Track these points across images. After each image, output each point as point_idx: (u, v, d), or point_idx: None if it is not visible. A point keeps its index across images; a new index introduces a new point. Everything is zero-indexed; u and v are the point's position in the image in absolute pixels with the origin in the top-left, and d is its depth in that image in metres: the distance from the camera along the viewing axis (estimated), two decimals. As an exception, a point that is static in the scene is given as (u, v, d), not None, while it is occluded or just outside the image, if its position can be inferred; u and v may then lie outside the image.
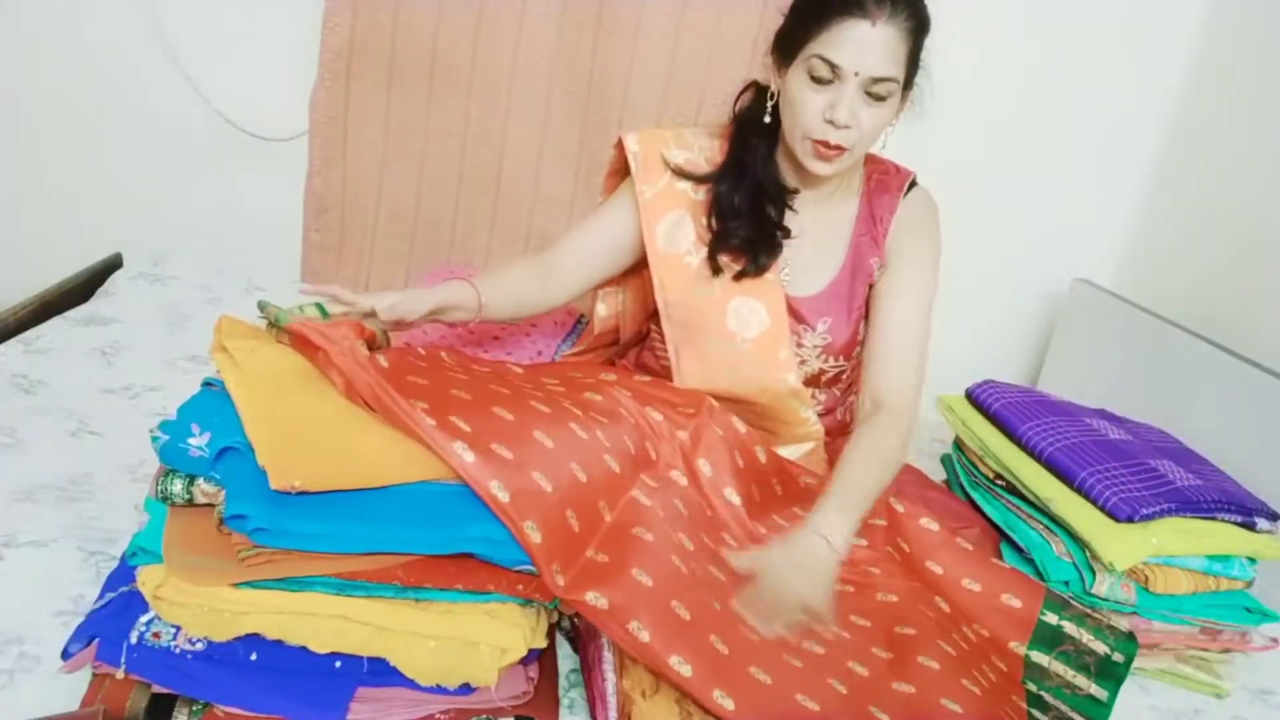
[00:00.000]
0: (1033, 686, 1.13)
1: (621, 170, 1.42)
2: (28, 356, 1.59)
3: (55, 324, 1.73)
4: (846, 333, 1.39)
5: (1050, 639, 1.17)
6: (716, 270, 1.34)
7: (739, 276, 1.34)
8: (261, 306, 1.20)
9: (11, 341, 1.63)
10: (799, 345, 1.38)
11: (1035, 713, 1.10)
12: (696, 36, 2.08)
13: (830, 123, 1.22)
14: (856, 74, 1.19)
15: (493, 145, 2.18)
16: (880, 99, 1.22)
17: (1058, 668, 1.15)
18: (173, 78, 2.11)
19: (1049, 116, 2.24)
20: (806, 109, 1.23)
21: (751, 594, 1.08)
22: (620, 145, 1.38)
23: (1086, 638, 1.17)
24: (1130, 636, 1.18)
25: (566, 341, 1.80)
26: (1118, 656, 1.16)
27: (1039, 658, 1.15)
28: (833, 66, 1.20)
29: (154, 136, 2.19)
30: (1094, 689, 1.13)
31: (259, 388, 0.98)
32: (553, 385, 1.24)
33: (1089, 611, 1.20)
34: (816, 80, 1.21)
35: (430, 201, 2.23)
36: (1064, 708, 1.11)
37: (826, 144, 1.23)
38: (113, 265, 2.03)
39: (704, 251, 1.35)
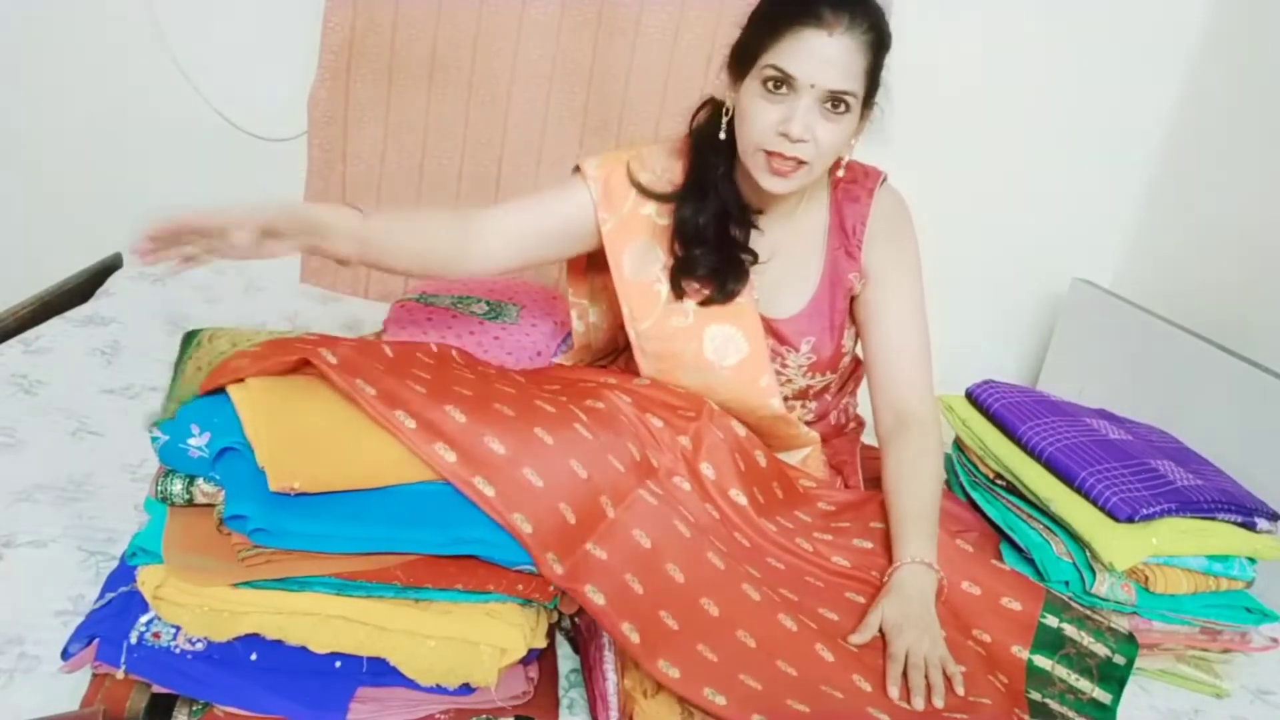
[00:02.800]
0: (1036, 695, 1.12)
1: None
2: (28, 356, 1.59)
3: (55, 324, 1.73)
4: (830, 348, 1.38)
5: (1052, 643, 1.17)
6: (681, 296, 1.30)
7: (706, 303, 1.30)
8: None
9: (11, 341, 1.63)
10: (783, 366, 1.37)
11: None
12: (696, 36, 2.09)
13: (784, 136, 1.17)
14: (812, 86, 1.15)
15: (493, 145, 2.19)
16: (837, 114, 1.18)
17: (1060, 672, 1.14)
18: (173, 78, 2.11)
19: (1049, 116, 2.24)
20: (760, 121, 1.18)
21: (892, 666, 1.04)
22: (578, 171, 1.33)
23: (1087, 640, 1.17)
24: (1130, 638, 1.18)
25: (566, 342, 1.80)
26: (1119, 659, 1.16)
27: (1042, 662, 1.15)
28: (787, 77, 1.15)
29: (154, 136, 2.19)
30: (1097, 692, 1.13)
31: (259, 389, 0.98)
32: (554, 390, 1.24)
33: (1089, 614, 1.20)
34: (771, 91, 1.17)
35: (430, 201, 2.24)
36: (1070, 713, 1.11)
37: (781, 155, 1.18)
38: (113, 265, 2.03)
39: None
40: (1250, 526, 1.33)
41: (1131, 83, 2.22)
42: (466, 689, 0.95)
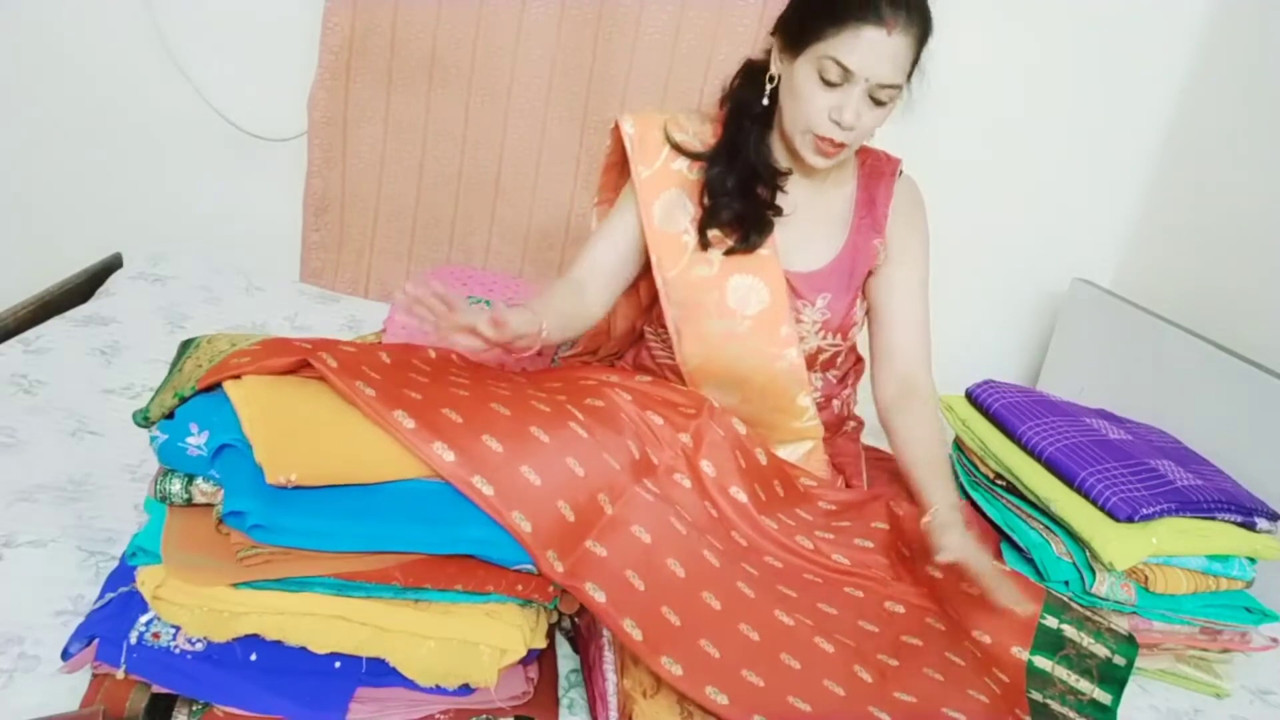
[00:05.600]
0: (1037, 695, 1.13)
1: (619, 163, 1.43)
2: (28, 356, 1.59)
3: (55, 324, 1.73)
4: (844, 310, 1.41)
5: (1052, 644, 1.17)
6: (706, 245, 1.36)
7: (730, 253, 1.35)
8: None
9: (11, 341, 1.63)
10: (798, 320, 1.40)
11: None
12: (696, 36, 2.09)
13: (836, 123, 1.24)
14: (867, 79, 1.22)
15: (493, 145, 2.18)
16: (883, 103, 1.25)
17: (1060, 673, 1.15)
18: (173, 78, 2.11)
19: (1049, 116, 2.24)
20: (812, 105, 1.25)
21: (993, 584, 1.15)
22: (617, 130, 1.40)
23: (1087, 641, 1.17)
24: (1130, 639, 1.18)
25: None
26: (1119, 660, 1.16)
27: (1042, 663, 1.16)
28: (845, 70, 1.22)
29: (154, 136, 2.19)
30: (1097, 693, 1.14)
31: (256, 386, 0.98)
32: (555, 388, 1.24)
33: (1088, 615, 1.20)
34: (827, 81, 1.23)
35: (430, 201, 2.24)
36: (1071, 714, 1.11)
37: (831, 141, 1.26)
38: (113, 265, 2.03)
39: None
40: (1250, 526, 1.33)
41: (1131, 83, 2.21)
42: (466, 689, 0.95)
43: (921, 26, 1.24)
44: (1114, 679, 1.15)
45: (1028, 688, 1.13)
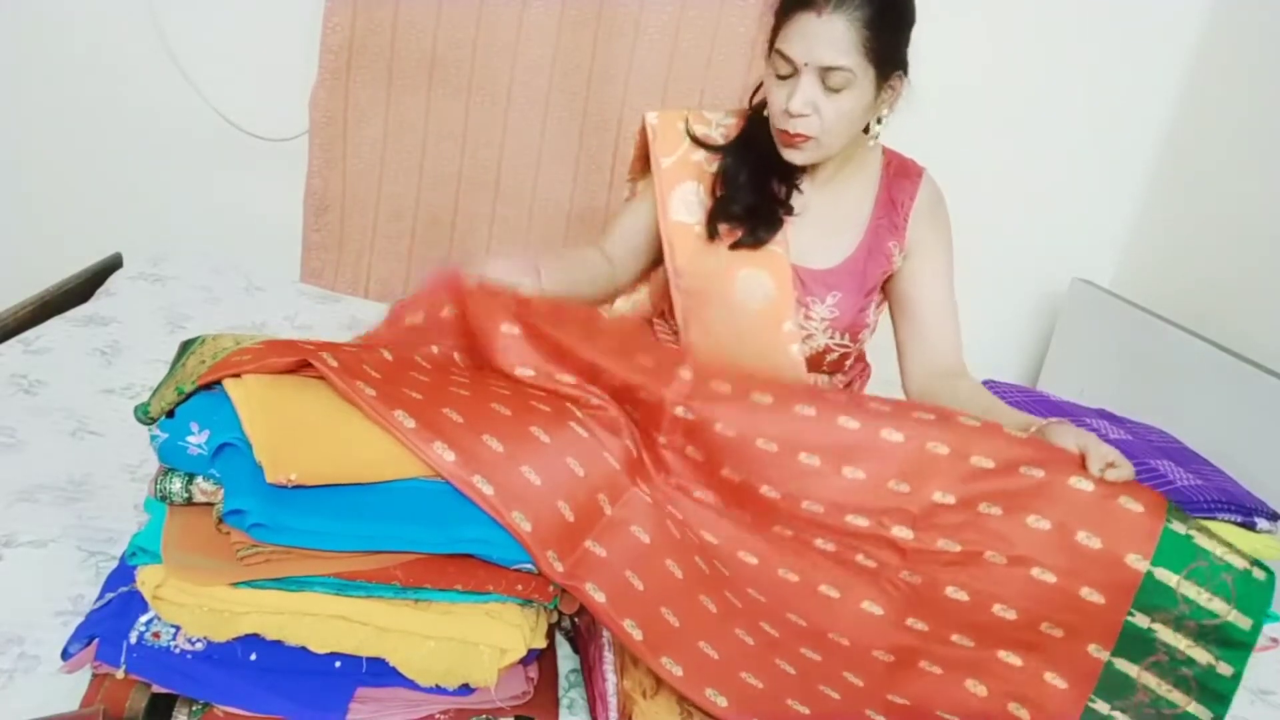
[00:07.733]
0: (1143, 620, 1.00)
1: (645, 155, 1.45)
2: (28, 356, 1.59)
3: (55, 324, 1.73)
4: (853, 311, 1.42)
5: (1179, 551, 1.00)
6: (713, 235, 1.38)
7: (735, 247, 1.37)
8: None
9: (11, 341, 1.63)
10: (806, 317, 1.41)
11: (1119, 661, 1.00)
12: (696, 36, 2.09)
13: (786, 113, 1.26)
14: (806, 64, 1.24)
15: (493, 145, 2.19)
16: (837, 89, 1.25)
17: (1188, 589, 0.99)
18: (173, 78, 2.11)
19: (1049, 116, 2.25)
20: (773, 102, 1.29)
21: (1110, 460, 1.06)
22: (644, 124, 1.44)
23: (1220, 551, 1.00)
24: (1260, 563, 1.00)
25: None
26: (1259, 574, 0.99)
27: (1165, 576, 1.00)
28: (788, 60, 1.25)
29: (154, 136, 2.19)
30: (1234, 615, 0.98)
31: (256, 385, 0.98)
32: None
33: (1207, 525, 1.05)
34: (779, 74, 1.27)
35: (430, 201, 2.24)
36: (1184, 643, 0.99)
37: (787, 133, 1.29)
38: (113, 265, 2.03)
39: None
40: (1250, 526, 1.33)
41: (1131, 83, 2.22)
42: (466, 689, 0.95)
43: (868, 8, 1.22)
44: (1256, 599, 0.96)
45: (1134, 606, 1.00)
